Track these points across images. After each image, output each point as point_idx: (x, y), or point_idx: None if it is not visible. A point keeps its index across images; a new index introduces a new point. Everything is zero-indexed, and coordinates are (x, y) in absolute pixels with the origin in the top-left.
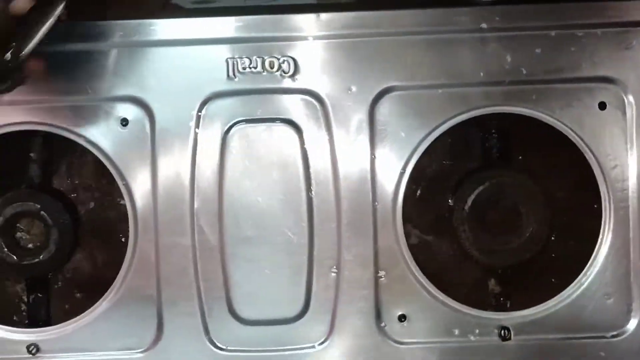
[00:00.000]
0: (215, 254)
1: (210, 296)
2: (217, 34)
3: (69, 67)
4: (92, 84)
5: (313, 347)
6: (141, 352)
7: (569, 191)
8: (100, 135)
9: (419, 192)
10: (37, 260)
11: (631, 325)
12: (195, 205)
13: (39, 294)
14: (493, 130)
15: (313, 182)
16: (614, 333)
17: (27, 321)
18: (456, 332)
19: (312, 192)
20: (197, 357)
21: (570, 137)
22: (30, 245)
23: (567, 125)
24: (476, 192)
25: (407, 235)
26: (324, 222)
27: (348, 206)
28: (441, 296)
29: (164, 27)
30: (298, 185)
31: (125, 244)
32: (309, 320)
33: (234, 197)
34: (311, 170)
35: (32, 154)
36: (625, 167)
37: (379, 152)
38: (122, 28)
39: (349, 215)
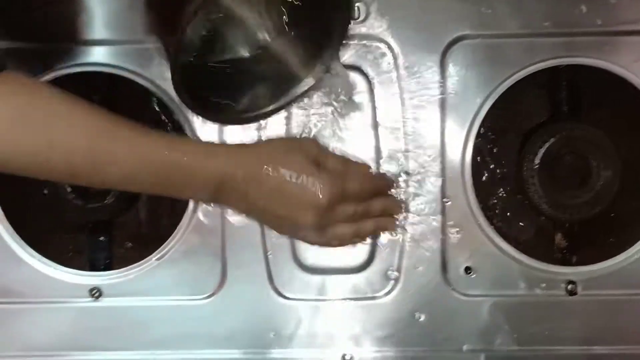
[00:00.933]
0: None
1: (274, 243)
2: None
3: None
4: None
5: (377, 297)
6: (204, 298)
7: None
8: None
9: (488, 144)
10: (101, 204)
11: None
12: None
13: (102, 238)
14: (564, 83)
15: (380, 132)
16: None
17: (90, 266)
18: (522, 285)
19: (380, 143)
20: (260, 304)
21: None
22: (95, 190)
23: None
24: (546, 145)
25: (476, 187)
26: (392, 172)
27: (416, 157)
28: (508, 248)
29: None
30: (368, 134)
31: None
32: (374, 270)
33: None
34: (379, 119)
35: (93, 96)
36: None
37: (448, 102)
38: None
39: (416, 167)
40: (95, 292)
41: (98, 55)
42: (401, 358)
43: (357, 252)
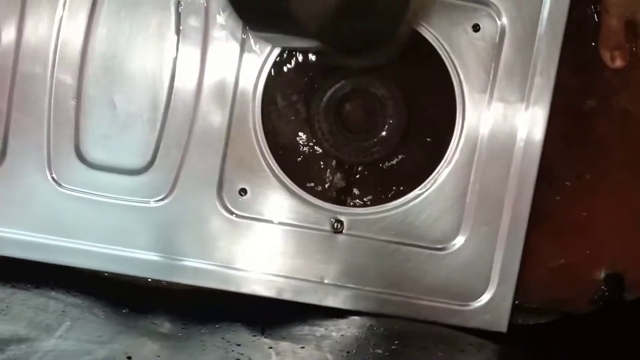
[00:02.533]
0: (69, 91)
1: (59, 132)
2: None
3: None
4: None
5: (149, 202)
6: None
7: (427, 106)
8: None
9: (279, 78)
10: None
11: (458, 241)
12: (59, 47)
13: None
14: None
15: (180, 49)
16: (440, 246)
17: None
18: (292, 216)
19: (177, 58)
20: (36, 190)
21: (440, 52)
22: None
23: (438, 40)
24: (337, 85)
25: (264, 116)
26: (185, 88)
27: (210, 81)
28: (285, 179)
29: None
30: (170, 50)
31: None
32: (152, 175)
33: (105, 46)
34: (180, 37)
35: None
36: (482, 92)
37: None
38: None
39: (209, 88)
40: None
41: None
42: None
43: (140, 155)
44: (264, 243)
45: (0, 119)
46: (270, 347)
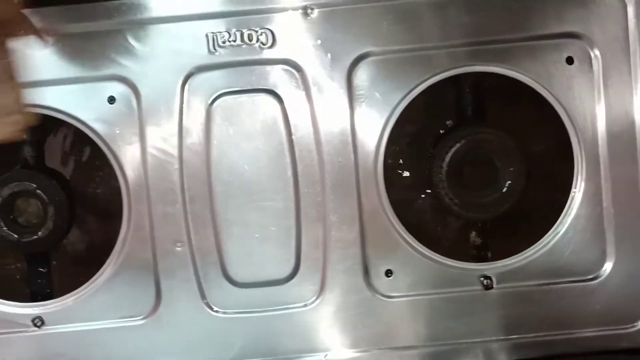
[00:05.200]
0: (207, 222)
1: (204, 262)
2: (196, 10)
3: (54, 49)
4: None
5: (305, 305)
6: (141, 319)
7: (542, 143)
8: (89, 114)
9: (398, 153)
10: (36, 237)
11: (606, 267)
12: (185, 176)
13: (40, 269)
14: (467, 89)
15: (296, 148)
16: (590, 276)
17: (30, 296)
18: (440, 283)
19: (297, 158)
20: (195, 321)
21: (540, 92)
22: (28, 223)
23: (536, 81)
24: (453, 149)
25: (389, 194)
26: (309, 186)
27: (331, 169)
28: (425, 250)
29: (143, 6)
30: (282, 151)
31: (120, 216)
32: (300, 280)
33: (222, 166)
34: (294, 137)
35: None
36: (594, 117)
37: (358, 115)
38: (102, 9)
39: (332, 177)
40: (37, 321)
41: None
42: None
43: (283, 264)
44: (420, 316)
45: (147, 268)
46: None
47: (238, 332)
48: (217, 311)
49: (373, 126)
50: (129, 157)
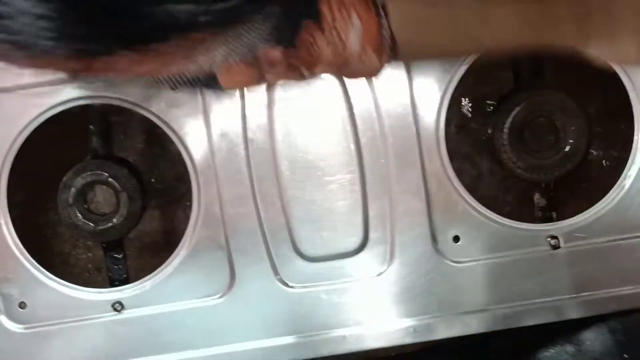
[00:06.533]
0: (275, 200)
1: (275, 239)
2: None
3: None
4: None
5: (379, 274)
6: (219, 297)
7: (601, 102)
8: (153, 100)
9: (459, 119)
10: (111, 224)
11: None
12: (251, 156)
13: (116, 256)
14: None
15: (358, 121)
16: None
17: (109, 282)
18: (508, 246)
19: (359, 132)
20: (269, 296)
21: None
22: (102, 212)
23: None
24: (513, 112)
25: (452, 161)
26: (373, 158)
27: (394, 140)
28: (490, 214)
29: None
30: (344, 126)
31: (188, 200)
32: (369, 251)
33: (286, 144)
34: (355, 112)
35: (91, 127)
36: None
37: (416, 84)
38: None
39: (396, 148)
40: (117, 306)
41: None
42: (407, 328)
43: (352, 237)
44: (490, 280)
45: (221, 248)
46: None
47: (312, 305)
48: (289, 286)
49: (432, 94)
50: (195, 141)
